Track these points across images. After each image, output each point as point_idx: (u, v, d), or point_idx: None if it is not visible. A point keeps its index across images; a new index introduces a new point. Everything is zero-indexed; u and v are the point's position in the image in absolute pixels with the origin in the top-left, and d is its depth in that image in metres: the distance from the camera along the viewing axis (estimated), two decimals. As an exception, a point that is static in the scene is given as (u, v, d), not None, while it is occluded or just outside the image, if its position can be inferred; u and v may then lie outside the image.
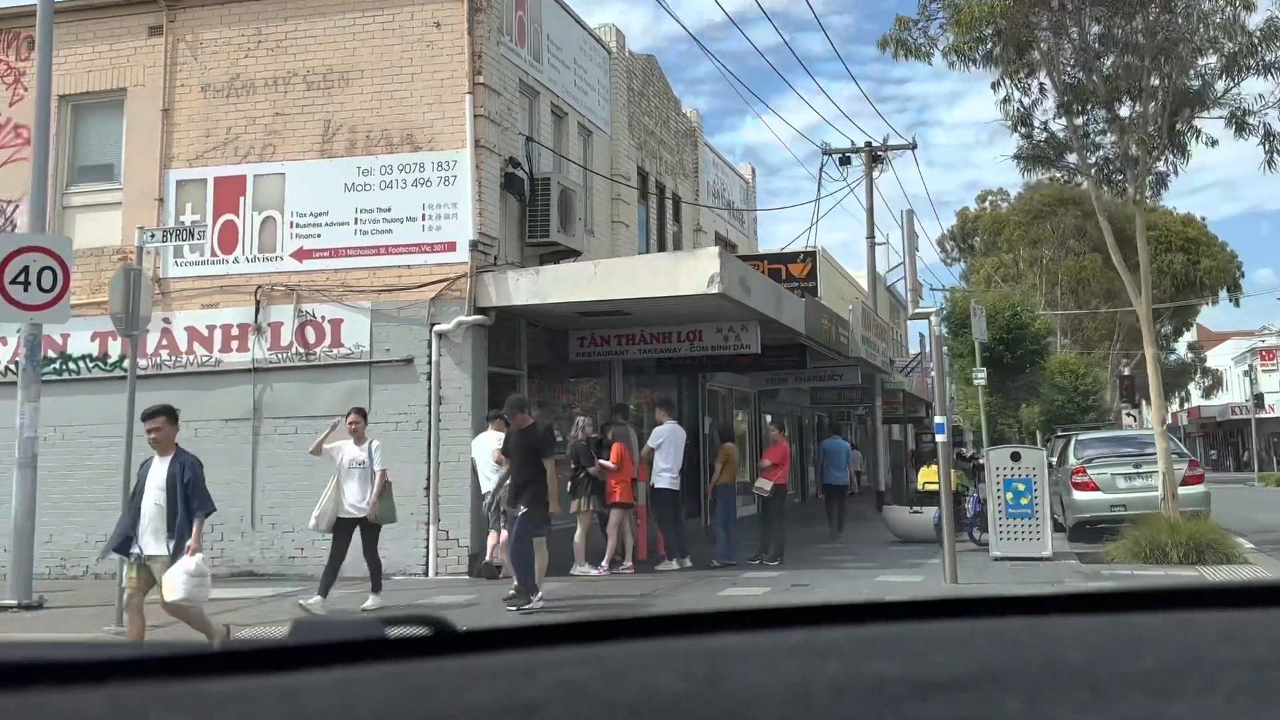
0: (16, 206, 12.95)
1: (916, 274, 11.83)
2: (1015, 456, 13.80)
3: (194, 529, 7.07)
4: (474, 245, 12.81)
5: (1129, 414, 49.57)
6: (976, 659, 0.86)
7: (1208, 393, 66.46)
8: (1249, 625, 0.92)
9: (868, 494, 25.95)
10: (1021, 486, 13.51)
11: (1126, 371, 48.87)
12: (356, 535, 9.84)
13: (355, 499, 9.73)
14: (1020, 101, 13.92)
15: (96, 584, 11.69)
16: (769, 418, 23.46)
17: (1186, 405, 70.33)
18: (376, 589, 9.90)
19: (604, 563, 12.41)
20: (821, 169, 29.14)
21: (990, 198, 58.22)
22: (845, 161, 28.99)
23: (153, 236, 9.43)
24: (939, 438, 11.86)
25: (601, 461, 12.67)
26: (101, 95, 13.51)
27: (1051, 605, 0.98)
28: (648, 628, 0.95)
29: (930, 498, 16.27)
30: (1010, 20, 13.35)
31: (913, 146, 28.95)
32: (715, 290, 12.42)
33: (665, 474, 13.09)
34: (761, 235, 28.74)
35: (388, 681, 0.84)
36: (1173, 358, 62.38)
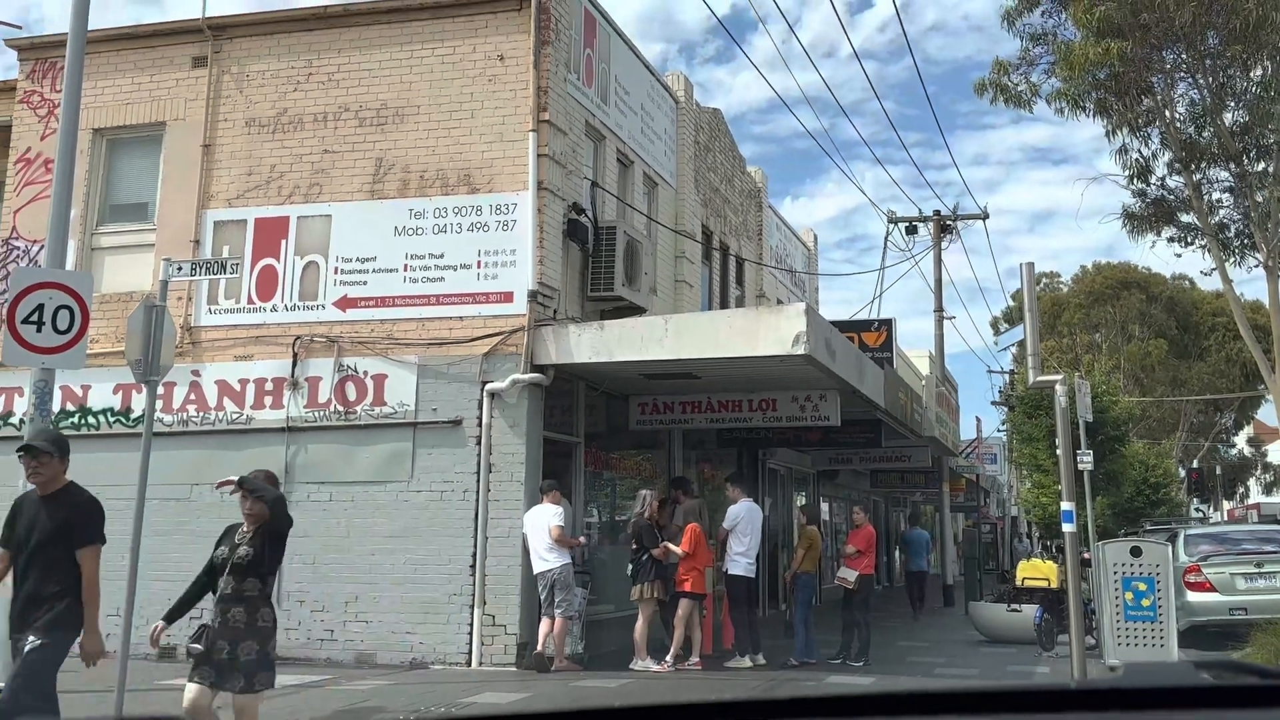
0: (42, 246, 11.96)
1: (1037, 336, 10.41)
2: (1135, 552, 12.18)
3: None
4: (533, 296, 11.64)
5: (1197, 508, 47.39)
6: None
7: (1268, 489, 64.06)
8: None
9: (932, 586, 24.13)
10: (1143, 586, 11.88)
11: (1195, 464, 46.86)
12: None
13: None
14: (1140, 152, 12.63)
15: (104, 663, 10.34)
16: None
17: (1246, 501, 67.75)
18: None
19: (668, 657, 10.92)
20: (887, 238, 27.95)
21: (1044, 279, 57.04)
22: (912, 231, 27.80)
23: (179, 269, 8.30)
24: (1066, 528, 10.34)
25: (671, 547, 11.27)
26: (138, 129, 12.60)
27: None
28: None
29: (1030, 595, 14.67)
30: (1127, 64, 12.13)
31: (985, 216, 27.70)
32: (800, 351, 11.14)
33: (741, 559, 11.66)
34: (820, 308, 27.48)
35: None
36: (1233, 452, 60.23)
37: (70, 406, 11.84)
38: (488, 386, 11.38)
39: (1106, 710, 1.03)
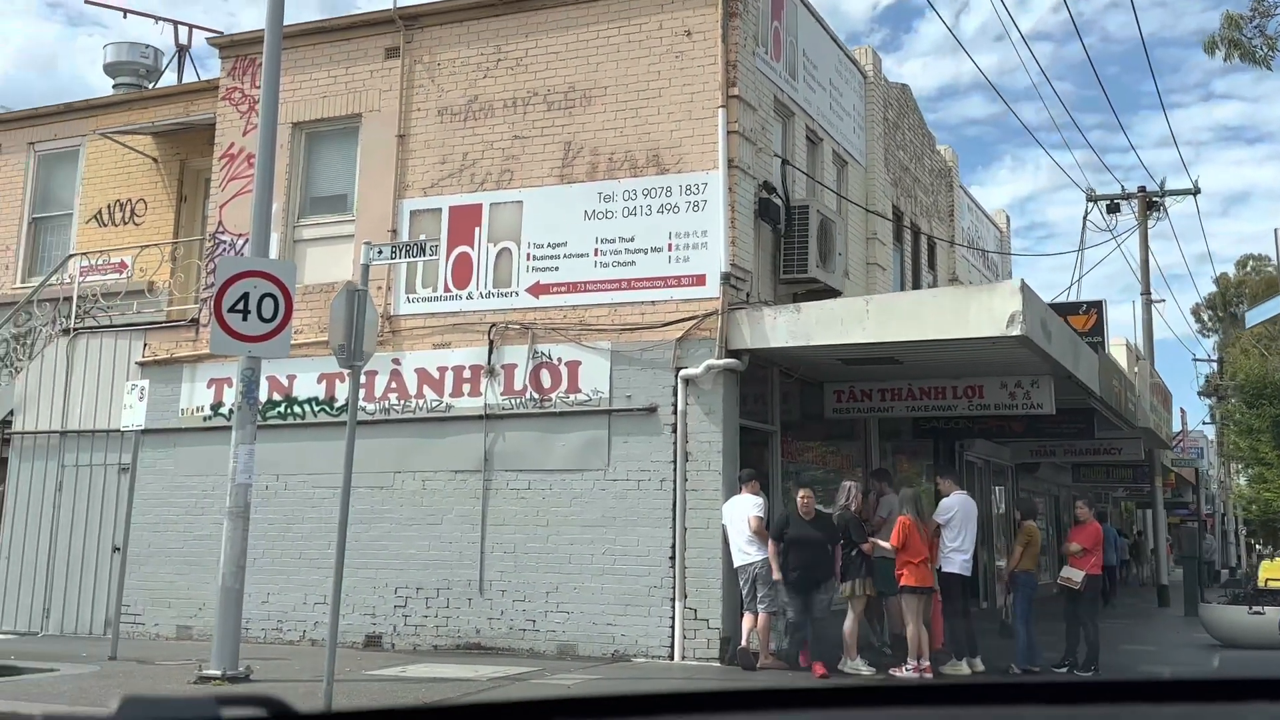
0: (247, 240, 12.29)
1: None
2: None
3: None
4: (726, 278, 11.15)
5: None
6: None
7: None
8: None
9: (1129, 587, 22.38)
10: None
11: None
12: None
13: None
14: None
15: (313, 652, 10.49)
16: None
17: None
18: None
19: (914, 661, 10.22)
20: (1086, 217, 26.18)
21: (1250, 262, 52.96)
22: (1114, 209, 25.96)
23: (380, 253, 8.20)
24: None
25: (878, 542, 10.58)
26: (335, 122, 12.77)
27: None
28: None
29: (1272, 596, 13.28)
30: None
31: (1195, 191, 25.57)
32: (1016, 332, 10.27)
33: (956, 555, 10.83)
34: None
35: None
36: None
37: (277, 396, 12.09)
38: (682, 373, 10.97)
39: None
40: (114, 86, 16.18)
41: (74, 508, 12.89)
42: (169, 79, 16.76)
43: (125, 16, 17.37)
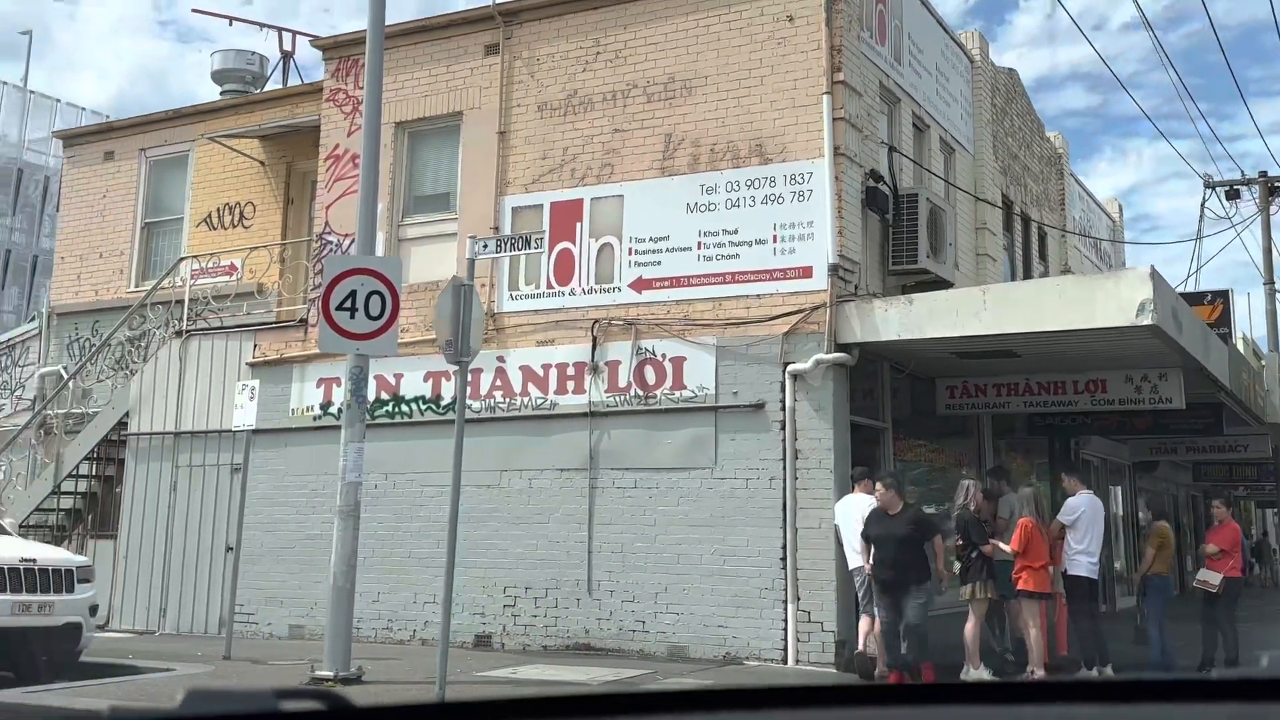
0: (353, 240, 12.36)
1: None
2: None
3: None
4: (834, 270, 10.79)
5: None
6: None
7: None
8: None
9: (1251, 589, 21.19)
10: None
11: None
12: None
13: None
14: None
15: (423, 651, 10.46)
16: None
17: None
18: None
19: (1037, 668, 9.72)
20: (1204, 204, 24.99)
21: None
22: (1233, 195, 24.71)
23: (485, 247, 8.09)
24: None
25: (999, 544, 10.10)
26: (437, 121, 12.76)
27: None
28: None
29: None
30: None
31: (1322, 173, 24.15)
32: (1147, 321, 9.73)
33: (1082, 558, 10.30)
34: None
35: None
36: None
37: (384, 395, 12.12)
38: (789, 368, 10.66)
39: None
40: (221, 93, 16.52)
41: (188, 507, 13.12)
42: (274, 86, 17.06)
43: (230, 24, 17.79)
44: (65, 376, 14.86)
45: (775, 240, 11.08)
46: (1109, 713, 1.05)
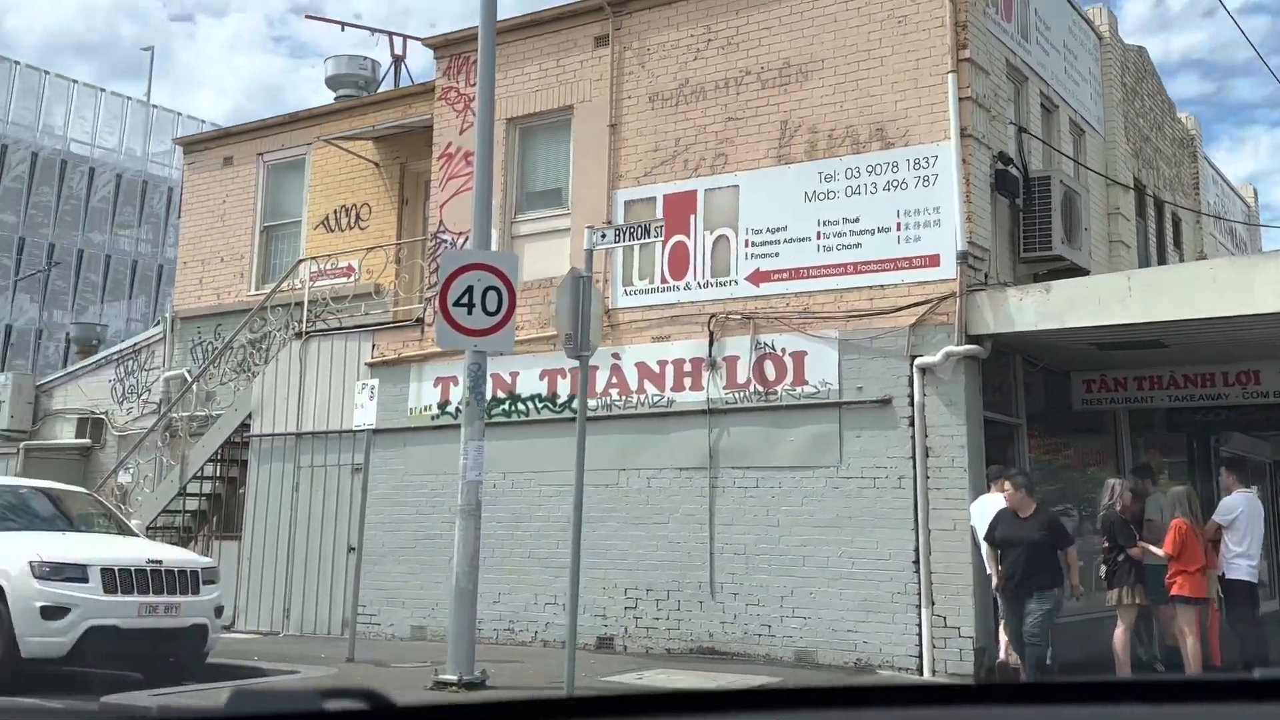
0: (467, 238, 12.29)
1: None
2: None
3: None
4: (963, 258, 10.26)
5: None
6: None
7: None
8: None
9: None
10: None
11: None
12: None
13: None
14: None
15: (546, 653, 10.30)
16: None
17: None
18: None
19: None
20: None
21: None
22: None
23: (603, 237, 7.87)
24: None
25: (1149, 547, 9.46)
26: (548, 116, 12.61)
27: None
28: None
29: None
30: None
31: None
32: (1314, 304, 8.96)
33: (1241, 561, 9.57)
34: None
35: None
36: None
37: (500, 394, 12.00)
38: (917, 361, 10.16)
39: None
40: (335, 99, 16.71)
41: (310, 508, 13.22)
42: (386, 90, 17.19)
43: (343, 29, 18.01)
44: (189, 380, 15.18)
45: (899, 228, 10.60)
46: (1107, 713, 1.05)
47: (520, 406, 12.00)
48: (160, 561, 9.11)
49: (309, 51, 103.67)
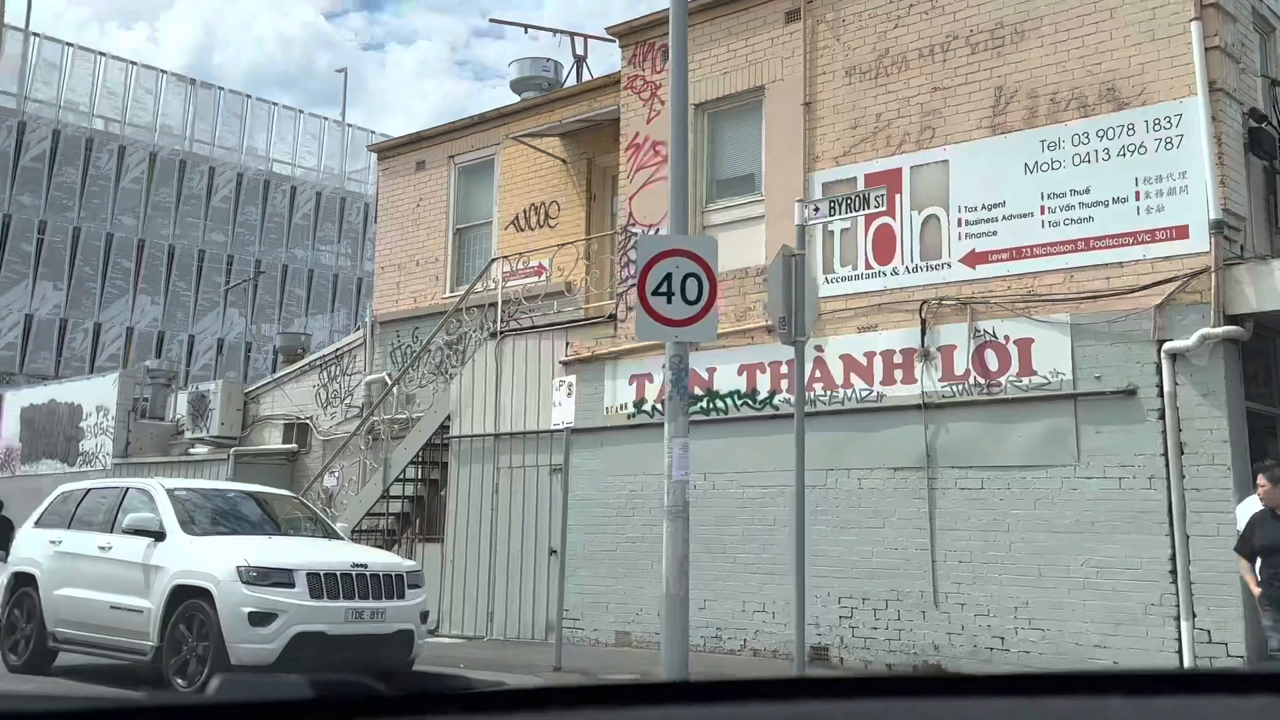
0: (656, 230, 11.86)
1: None
2: None
3: None
4: (1217, 228, 9.09)
5: None
6: None
7: None
8: None
9: None
10: None
11: None
12: None
13: None
14: None
15: (756, 663, 9.73)
16: None
17: None
18: None
19: None
20: None
21: None
22: None
23: (816, 210, 7.22)
24: None
25: None
26: (738, 99, 12.03)
27: None
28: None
29: None
30: None
31: None
32: None
33: None
34: None
35: None
36: None
37: (698, 391, 11.50)
38: (1166, 346, 9.05)
39: None
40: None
41: (510, 510, 13.08)
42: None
43: (526, 31, 17.94)
44: (389, 383, 15.39)
45: (1138, 198, 9.50)
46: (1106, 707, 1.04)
47: (719, 404, 11.46)
48: (365, 565, 8.96)
49: (490, 74, 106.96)
